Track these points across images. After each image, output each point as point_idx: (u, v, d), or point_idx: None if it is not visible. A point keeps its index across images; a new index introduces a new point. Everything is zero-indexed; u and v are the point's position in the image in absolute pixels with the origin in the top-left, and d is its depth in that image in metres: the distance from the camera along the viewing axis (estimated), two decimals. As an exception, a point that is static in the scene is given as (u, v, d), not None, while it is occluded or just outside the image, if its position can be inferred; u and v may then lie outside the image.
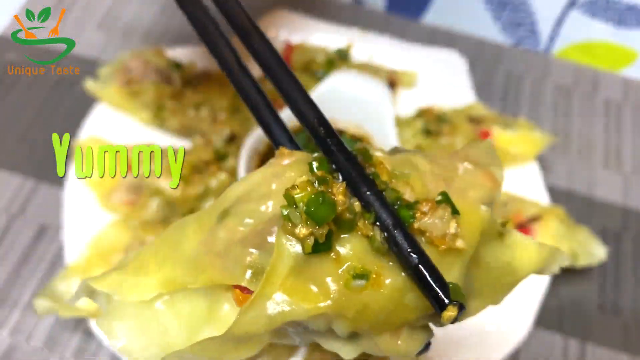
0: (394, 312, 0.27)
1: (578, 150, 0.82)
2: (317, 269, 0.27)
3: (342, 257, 0.27)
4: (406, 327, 0.28)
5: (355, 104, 0.71)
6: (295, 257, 0.26)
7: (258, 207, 0.28)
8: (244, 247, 0.28)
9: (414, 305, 0.27)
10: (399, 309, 0.27)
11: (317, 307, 0.26)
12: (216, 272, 0.28)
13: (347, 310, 0.26)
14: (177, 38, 0.89)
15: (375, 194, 0.27)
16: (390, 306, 0.27)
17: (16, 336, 0.63)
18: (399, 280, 0.27)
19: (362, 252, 0.27)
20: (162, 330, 0.28)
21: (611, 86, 0.89)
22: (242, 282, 0.28)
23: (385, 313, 0.27)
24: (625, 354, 0.66)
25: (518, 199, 0.69)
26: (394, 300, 0.27)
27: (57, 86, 0.82)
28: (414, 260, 0.26)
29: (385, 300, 0.27)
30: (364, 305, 0.26)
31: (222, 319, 0.29)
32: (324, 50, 0.80)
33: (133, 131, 0.73)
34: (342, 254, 0.27)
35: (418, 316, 0.28)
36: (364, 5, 0.96)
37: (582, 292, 0.70)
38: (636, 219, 0.76)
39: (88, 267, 0.62)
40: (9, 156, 0.76)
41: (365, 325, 0.27)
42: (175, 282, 0.29)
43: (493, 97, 0.86)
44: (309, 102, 0.33)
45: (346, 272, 0.26)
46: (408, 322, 0.28)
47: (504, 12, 0.98)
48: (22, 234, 0.70)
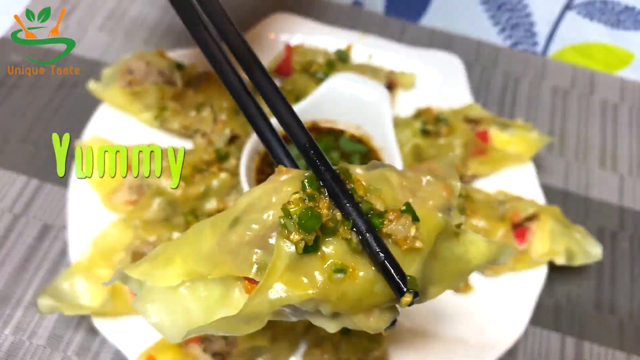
0: (366, 298, 0.35)
1: (575, 150, 0.83)
2: (307, 265, 0.34)
3: (327, 255, 0.35)
4: (376, 309, 0.36)
5: (354, 104, 0.72)
6: (290, 256, 0.34)
7: (261, 216, 0.36)
8: (251, 247, 0.36)
9: (381, 292, 0.35)
10: (370, 295, 0.35)
11: (307, 294, 0.34)
12: (229, 266, 0.36)
13: (330, 296, 0.34)
14: (179, 40, 0.90)
15: (353, 205, 0.35)
16: (363, 293, 0.35)
17: (19, 334, 0.64)
18: (370, 273, 0.35)
19: (342, 252, 0.35)
20: (186, 310, 0.36)
21: (608, 87, 0.90)
22: (249, 274, 0.36)
23: (360, 298, 0.35)
24: (621, 352, 0.67)
25: (515, 198, 0.70)
26: (366, 289, 0.35)
27: (60, 87, 0.83)
28: (381, 258, 0.34)
29: (359, 289, 0.34)
30: (343, 292, 0.34)
31: (233, 302, 0.36)
32: (324, 51, 0.81)
33: (135, 132, 0.74)
34: (327, 253, 0.35)
35: (385, 301, 0.36)
36: (363, 8, 0.97)
37: (578, 290, 0.71)
38: (632, 219, 0.77)
39: (91, 266, 0.63)
40: (13, 157, 0.76)
41: (344, 307, 0.35)
42: (196, 273, 0.36)
43: (490, 98, 0.87)
44: (302, 127, 0.41)
45: (329, 267, 0.34)
46: (377, 305, 0.36)
47: (502, 14, 0.99)
48: (26, 233, 0.70)
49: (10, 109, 0.81)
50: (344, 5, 0.96)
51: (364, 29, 0.92)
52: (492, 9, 1.00)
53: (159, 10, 0.93)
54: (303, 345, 0.63)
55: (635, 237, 0.75)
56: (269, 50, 0.82)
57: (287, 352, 0.61)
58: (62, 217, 0.72)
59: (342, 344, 0.58)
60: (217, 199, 0.68)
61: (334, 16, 0.94)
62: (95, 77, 0.78)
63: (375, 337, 0.59)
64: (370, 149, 0.72)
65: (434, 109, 0.74)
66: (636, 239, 0.75)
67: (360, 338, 0.58)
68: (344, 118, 0.74)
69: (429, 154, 0.72)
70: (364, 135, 0.73)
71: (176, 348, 0.59)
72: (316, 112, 0.73)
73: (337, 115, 0.74)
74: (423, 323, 0.65)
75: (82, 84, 0.83)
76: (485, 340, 0.63)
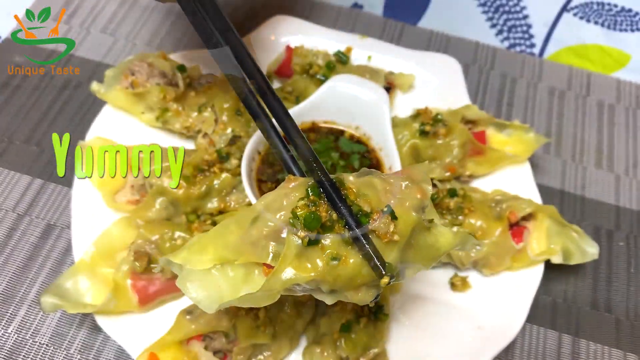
0: (356, 278, 0.45)
1: (571, 150, 0.84)
2: (310, 254, 0.45)
3: (325, 247, 0.45)
4: (364, 286, 0.46)
5: (354, 105, 0.73)
6: (297, 248, 0.45)
7: (275, 216, 0.46)
8: (267, 240, 0.46)
9: (367, 275, 0.45)
10: (358, 276, 0.45)
11: (310, 276, 0.44)
12: (250, 254, 0.46)
13: (327, 277, 0.45)
14: (181, 41, 0.91)
15: (346, 208, 0.46)
16: (353, 275, 0.45)
17: (22, 332, 0.64)
18: (358, 260, 0.45)
19: (337, 244, 0.45)
20: (217, 288, 0.46)
21: (604, 88, 0.91)
22: (267, 261, 0.46)
23: (350, 279, 0.45)
24: (617, 350, 0.68)
25: (512, 197, 0.71)
26: (355, 272, 0.45)
27: (63, 89, 0.84)
28: (367, 248, 0.45)
29: (350, 272, 0.45)
30: (338, 274, 0.45)
31: (254, 282, 0.47)
32: (324, 53, 0.82)
33: (137, 132, 0.75)
34: (325, 245, 0.45)
35: (369, 281, 0.46)
36: (362, 10, 0.98)
37: (575, 289, 0.72)
38: (628, 218, 0.78)
39: (94, 265, 0.63)
40: (17, 157, 0.77)
41: (339, 286, 0.46)
42: (224, 259, 0.47)
43: (488, 99, 0.88)
44: (307, 144, 0.52)
45: (327, 256, 0.45)
46: (364, 284, 0.46)
47: (499, 17, 1.00)
48: (29, 232, 0.71)
49: (14, 110, 0.82)
50: (344, 8, 0.97)
51: (363, 31, 0.93)
52: (489, 12, 1.01)
53: (161, 13, 0.94)
54: (303, 342, 0.64)
55: (631, 237, 0.76)
56: (269, 52, 0.83)
57: (287, 349, 0.61)
58: (65, 216, 0.73)
59: (342, 341, 0.58)
60: (219, 198, 0.69)
61: (334, 18, 0.95)
62: (98, 78, 0.78)
63: (375, 335, 0.60)
64: (369, 149, 0.73)
65: (432, 110, 0.75)
66: (632, 238, 0.76)
67: (360, 335, 0.59)
68: (344, 119, 0.74)
69: (427, 154, 0.73)
70: (363, 135, 0.74)
71: (177, 346, 0.59)
72: (316, 113, 0.74)
73: (337, 116, 0.74)
74: (421, 321, 0.65)
75: (85, 86, 0.84)
76: (483, 338, 0.63)
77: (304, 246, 0.44)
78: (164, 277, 0.63)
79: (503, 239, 0.66)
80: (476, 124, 0.77)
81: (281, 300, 0.59)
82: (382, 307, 0.61)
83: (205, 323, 0.59)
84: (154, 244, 0.63)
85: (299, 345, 0.63)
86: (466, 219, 0.67)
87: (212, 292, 0.46)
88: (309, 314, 0.62)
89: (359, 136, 0.74)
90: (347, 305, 0.60)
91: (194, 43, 0.91)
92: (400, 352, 0.63)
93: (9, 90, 0.83)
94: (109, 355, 0.64)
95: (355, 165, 0.70)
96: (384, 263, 0.45)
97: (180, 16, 0.95)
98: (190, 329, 0.58)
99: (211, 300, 0.45)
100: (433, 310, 0.66)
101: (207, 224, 0.65)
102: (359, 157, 0.71)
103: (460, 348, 0.63)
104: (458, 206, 0.67)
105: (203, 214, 0.67)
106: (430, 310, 0.66)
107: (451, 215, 0.67)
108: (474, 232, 0.66)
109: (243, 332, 0.58)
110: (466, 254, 0.66)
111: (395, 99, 0.82)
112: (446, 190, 0.69)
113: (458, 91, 0.81)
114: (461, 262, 0.67)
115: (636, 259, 0.74)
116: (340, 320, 0.59)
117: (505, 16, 1.00)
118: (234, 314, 0.59)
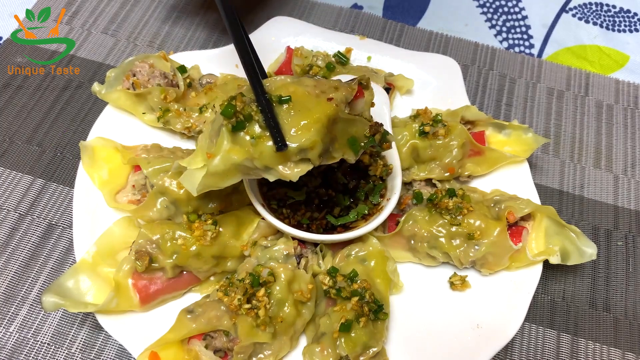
0: (275, 156, 0.58)
1: (570, 150, 0.84)
2: (239, 139, 0.58)
3: (249, 132, 0.58)
4: (290, 162, 0.59)
5: (353, 106, 0.74)
6: (227, 135, 0.58)
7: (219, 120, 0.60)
8: (214, 137, 0.61)
9: (271, 148, 0.58)
10: (274, 153, 0.58)
11: (241, 155, 0.58)
12: (206, 143, 0.62)
13: (254, 155, 0.58)
14: (181, 42, 0.91)
15: (265, 99, 0.59)
16: (271, 152, 0.58)
17: (24, 331, 0.65)
18: (271, 140, 0.58)
19: (256, 129, 0.58)
20: (199, 178, 0.60)
21: (603, 89, 0.91)
22: (212, 148, 0.60)
23: (270, 156, 0.58)
24: (616, 348, 0.68)
25: (511, 197, 0.71)
26: (272, 149, 0.57)
27: (64, 89, 0.84)
28: (273, 128, 0.58)
29: (269, 149, 0.58)
30: (261, 151, 0.58)
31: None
32: (324, 54, 0.82)
33: (139, 133, 0.75)
34: (249, 131, 0.58)
35: (294, 153, 0.59)
36: (362, 11, 0.98)
37: (573, 288, 0.72)
38: (626, 218, 0.78)
39: (95, 264, 0.64)
40: (19, 157, 0.78)
41: (266, 162, 0.58)
42: (205, 158, 0.61)
43: (487, 99, 0.89)
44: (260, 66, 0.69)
45: (250, 137, 0.58)
46: (288, 160, 0.59)
47: (498, 18, 1.01)
48: (31, 232, 0.72)
49: (15, 110, 0.82)
50: (344, 9, 0.98)
51: (363, 32, 0.94)
52: (488, 12, 1.01)
53: (162, 14, 0.94)
54: (303, 342, 0.64)
55: (629, 236, 0.77)
56: (269, 53, 0.83)
57: (287, 348, 0.62)
58: (66, 216, 0.73)
59: (342, 340, 0.59)
60: (219, 198, 0.69)
61: (334, 19, 0.96)
62: (99, 79, 0.79)
63: (374, 334, 0.60)
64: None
65: (432, 110, 0.75)
66: (630, 238, 0.76)
67: (359, 334, 0.59)
68: (343, 119, 0.75)
69: (427, 155, 0.73)
70: (363, 135, 0.74)
71: (178, 344, 0.60)
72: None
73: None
74: (421, 320, 0.66)
75: (87, 86, 0.84)
76: (482, 337, 0.64)
77: (230, 132, 0.57)
78: (165, 276, 0.63)
79: (501, 239, 0.66)
80: (475, 124, 0.78)
81: (281, 300, 0.60)
82: (381, 306, 0.61)
83: (205, 322, 0.59)
84: (155, 244, 0.64)
85: (298, 345, 0.63)
86: (465, 219, 0.67)
87: (195, 181, 0.60)
88: (309, 313, 0.63)
89: (359, 136, 0.74)
90: (347, 305, 0.60)
91: (194, 43, 0.91)
92: (400, 351, 0.63)
93: (10, 91, 0.84)
94: (110, 354, 0.64)
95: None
96: (284, 139, 0.56)
97: (181, 17, 0.95)
98: (191, 328, 0.59)
99: (194, 185, 0.60)
100: (432, 310, 0.66)
101: (208, 224, 0.65)
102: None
103: (460, 347, 0.63)
104: (457, 206, 0.67)
105: (204, 214, 0.67)
106: (429, 309, 0.66)
107: (450, 215, 0.67)
108: (473, 232, 0.66)
109: (243, 331, 0.58)
110: (465, 254, 0.67)
111: (395, 99, 0.83)
112: (445, 190, 0.70)
113: (457, 92, 0.81)
114: (460, 262, 0.67)
115: (634, 259, 0.75)
116: (340, 319, 0.59)
117: (504, 17, 1.00)
118: (235, 313, 0.59)
